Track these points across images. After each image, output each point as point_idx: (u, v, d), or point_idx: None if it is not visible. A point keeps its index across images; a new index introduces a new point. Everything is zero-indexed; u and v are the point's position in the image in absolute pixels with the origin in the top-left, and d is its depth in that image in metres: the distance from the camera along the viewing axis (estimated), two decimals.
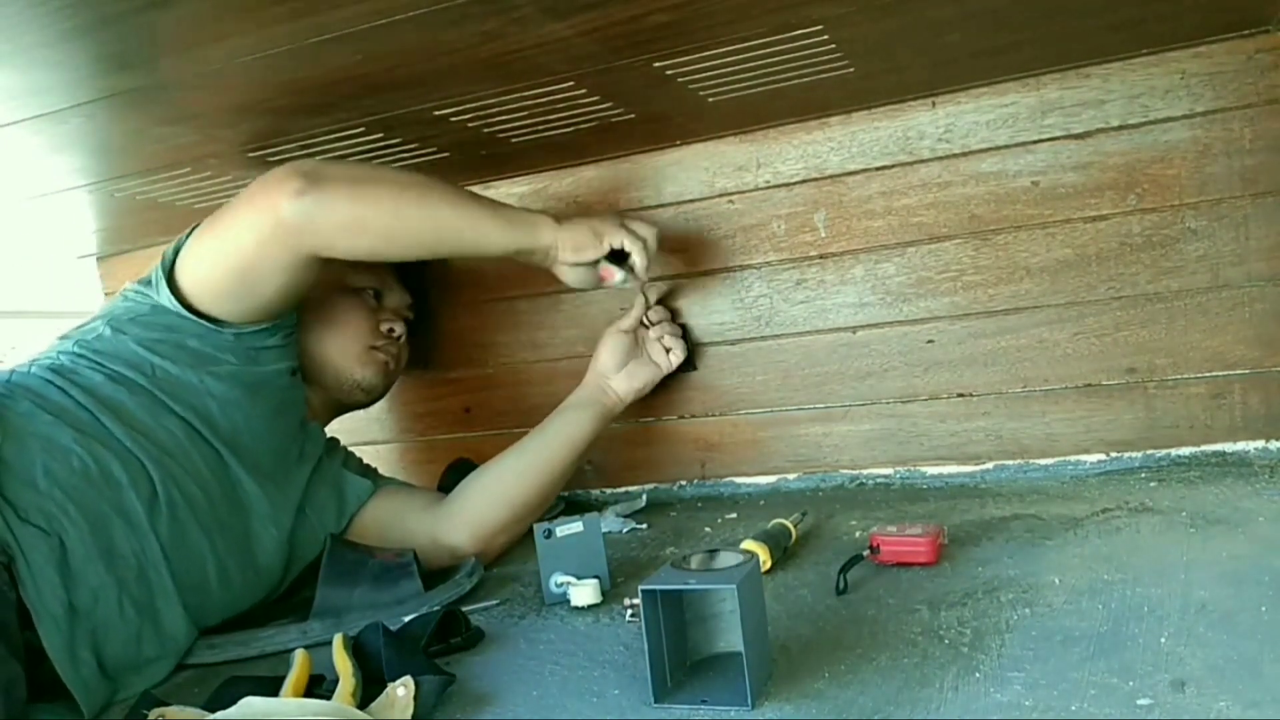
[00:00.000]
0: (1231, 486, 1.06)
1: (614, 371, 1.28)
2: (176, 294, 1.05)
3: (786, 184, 1.32)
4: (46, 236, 1.55)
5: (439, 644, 0.88)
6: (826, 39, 0.95)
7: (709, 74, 1.03)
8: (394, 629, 0.87)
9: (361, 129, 1.10)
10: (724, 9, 0.85)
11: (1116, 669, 0.67)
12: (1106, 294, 1.20)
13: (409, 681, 0.74)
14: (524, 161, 1.37)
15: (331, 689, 0.78)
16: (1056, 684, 0.66)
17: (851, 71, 1.07)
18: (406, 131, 1.13)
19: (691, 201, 1.37)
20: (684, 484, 1.43)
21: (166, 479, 0.97)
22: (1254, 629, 0.70)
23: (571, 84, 1.01)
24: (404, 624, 0.92)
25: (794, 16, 0.89)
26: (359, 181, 1.04)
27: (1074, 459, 1.23)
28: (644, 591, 0.70)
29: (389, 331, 1.29)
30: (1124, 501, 1.06)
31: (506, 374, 1.51)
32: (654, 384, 1.32)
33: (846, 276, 1.31)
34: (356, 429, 1.47)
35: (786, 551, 1.03)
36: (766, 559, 0.97)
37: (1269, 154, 1.12)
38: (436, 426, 1.55)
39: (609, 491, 1.47)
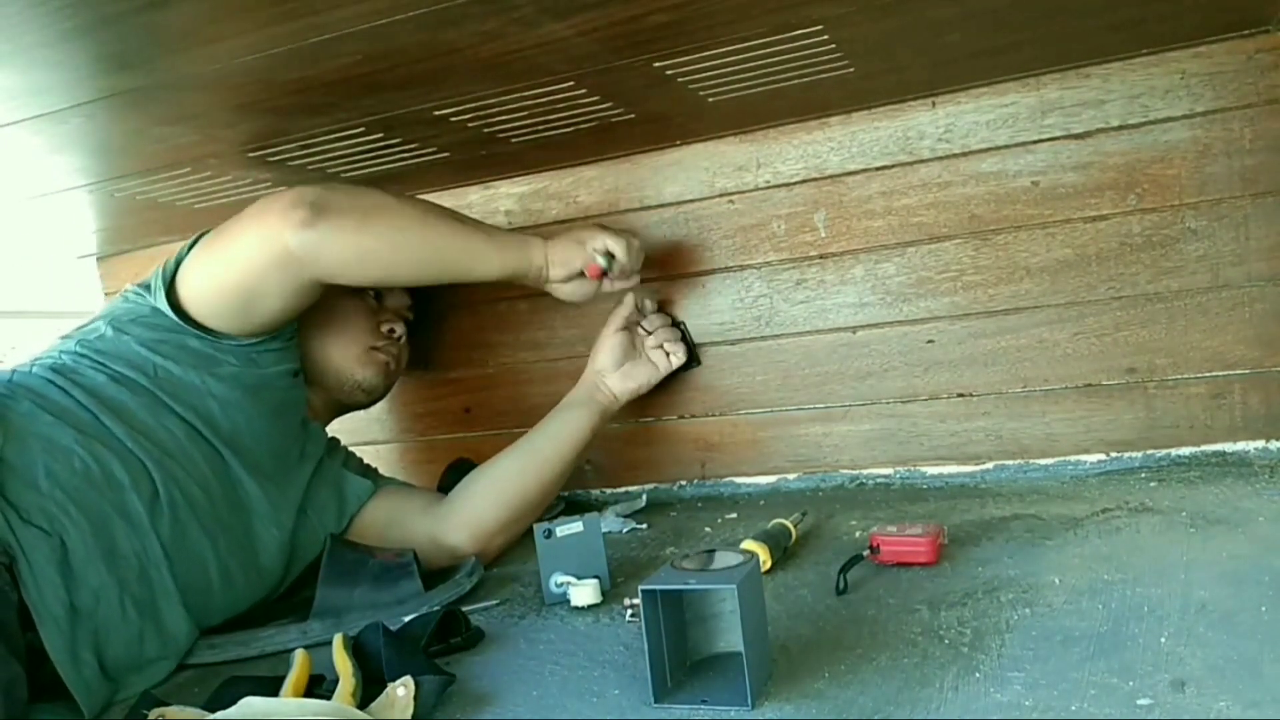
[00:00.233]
0: (1231, 486, 1.07)
1: (610, 370, 1.29)
2: (175, 304, 1.06)
3: (786, 184, 1.32)
4: (46, 236, 1.55)
5: (439, 644, 0.88)
6: (826, 39, 0.95)
7: (709, 74, 1.03)
8: (394, 629, 0.87)
9: (361, 129, 1.10)
10: (724, 9, 0.85)
11: (1116, 669, 0.67)
12: (1106, 294, 1.20)
13: (409, 681, 0.74)
14: (524, 161, 1.37)
15: (331, 689, 0.78)
16: (1056, 684, 0.66)
17: (851, 71, 1.07)
18: (406, 131, 1.13)
19: (691, 201, 1.37)
20: (684, 484, 1.43)
21: (168, 479, 0.97)
22: (1254, 629, 0.70)
23: (571, 84, 1.01)
24: (404, 624, 0.92)
25: (794, 16, 0.89)
26: (363, 213, 1.06)
27: (1074, 459, 1.23)
28: (644, 591, 0.70)
29: (389, 332, 1.30)
30: (1124, 501, 1.06)
31: (506, 374, 1.51)
32: (652, 384, 1.32)
33: (846, 276, 1.31)
34: (357, 429, 1.47)
35: (786, 551, 1.03)
36: (766, 559, 0.97)
37: (1269, 154, 1.12)
38: (436, 426, 1.55)
39: (609, 491, 1.47)
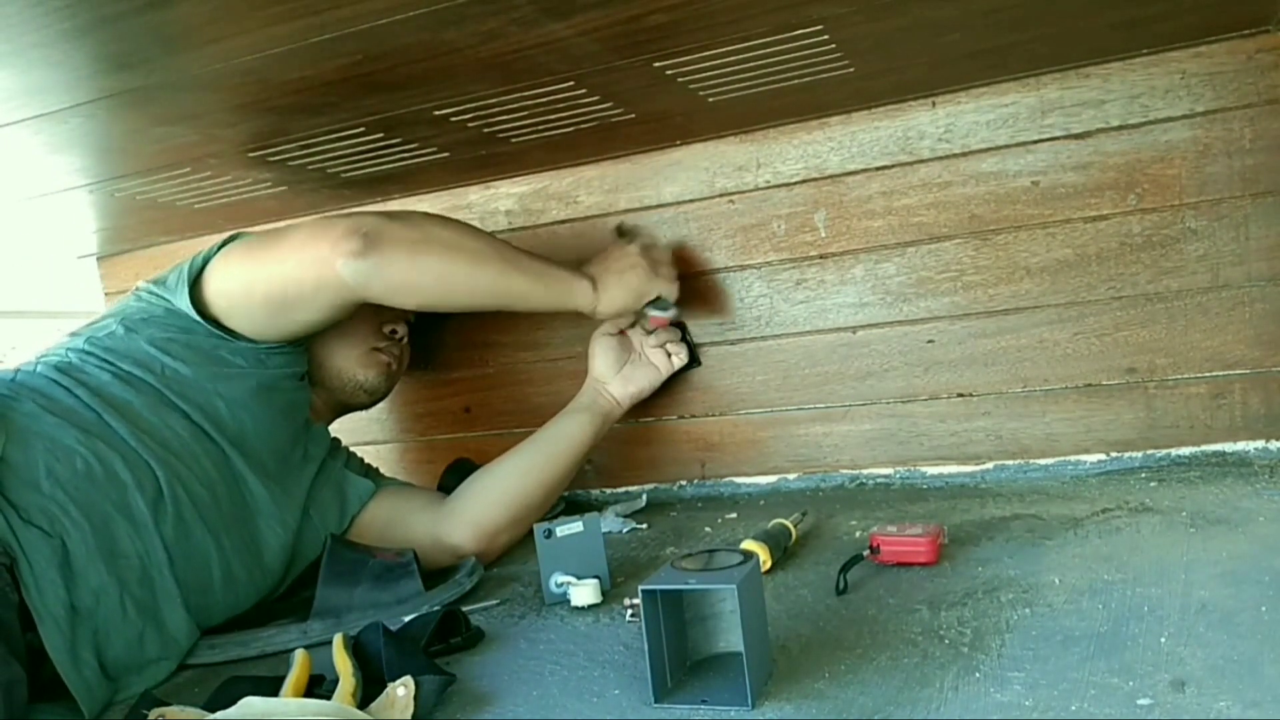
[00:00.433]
0: (1231, 486, 1.07)
1: (610, 376, 1.29)
2: (198, 302, 1.07)
3: (786, 184, 1.32)
4: (46, 236, 1.55)
5: (439, 644, 0.88)
6: (826, 39, 0.95)
7: (709, 74, 1.03)
8: (394, 629, 0.87)
9: (361, 129, 1.10)
10: (724, 9, 0.85)
11: (1116, 669, 0.67)
12: (1106, 294, 1.20)
13: (409, 681, 0.74)
14: (524, 161, 1.37)
15: (331, 689, 0.78)
16: (1056, 684, 0.66)
17: (851, 71, 1.07)
18: (406, 131, 1.13)
19: (691, 201, 1.37)
20: (684, 484, 1.43)
21: (172, 479, 0.97)
22: (1254, 629, 0.70)
23: (571, 84, 1.01)
24: (404, 624, 0.92)
25: (794, 16, 0.89)
26: (415, 246, 1.07)
27: (1074, 459, 1.23)
28: (644, 591, 0.70)
29: (391, 333, 1.30)
30: (1124, 501, 1.06)
31: (506, 374, 1.51)
32: (655, 386, 1.32)
33: (846, 276, 1.31)
34: (357, 429, 1.47)
35: (786, 551, 1.03)
36: (766, 559, 0.97)
37: (1269, 154, 1.12)
38: (436, 426, 1.55)
39: (609, 491, 1.47)
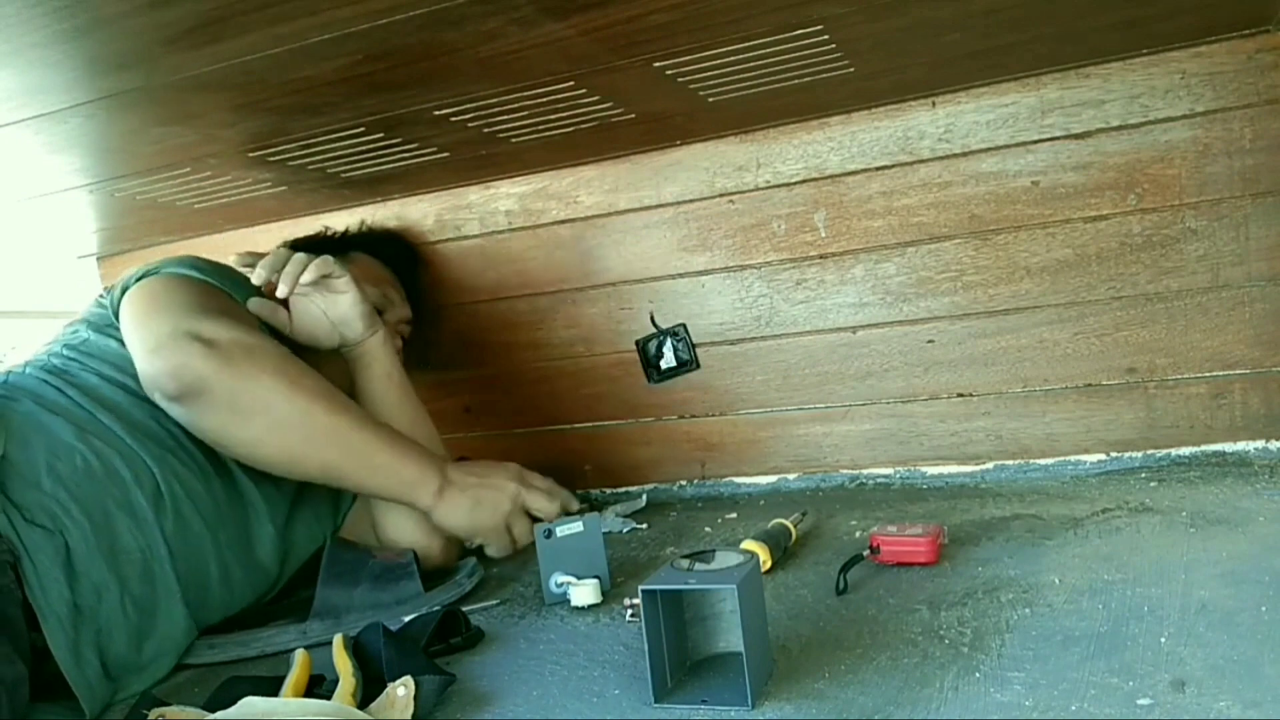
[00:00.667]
0: (1231, 486, 1.07)
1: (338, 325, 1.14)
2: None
3: (786, 184, 1.32)
4: (46, 236, 1.55)
5: (439, 644, 0.88)
6: (826, 39, 0.95)
7: (709, 74, 1.03)
8: (394, 629, 0.87)
9: (361, 129, 1.10)
10: (724, 9, 0.85)
11: (1116, 669, 0.67)
12: (1106, 294, 1.20)
13: (409, 681, 0.74)
14: (524, 161, 1.37)
15: (331, 689, 0.78)
16: (1056, 684, 0.66)
17: (851, 71, 1.07)
18: (406, 131, 1.13)
19: (691, 201, 1.37)
20: (684, 484, 1.43)
21: (168, 474, 0.97)
22: (1254, 629, 0.70)
23: (571, 84, 1.01)
24: (404, 624, 0.92)
25: (794, 16, 0.89)
26: (236, 411, 0.97)
27: (1074, 459, 1.23)
28: (644, 591, 0.70)
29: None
30: (1124, 501, 1.06)
31: (506, 374, 1.51)
32: (354, 305, 1.13)
33: (846, 276, 1.31)
34: None
35: (786, 551, 1.03)
36: (766, 559, 0.97)
37: (1269, 154, 1.12)
38: (436, 426, 1.54)
39: (609, 491, 1.47)
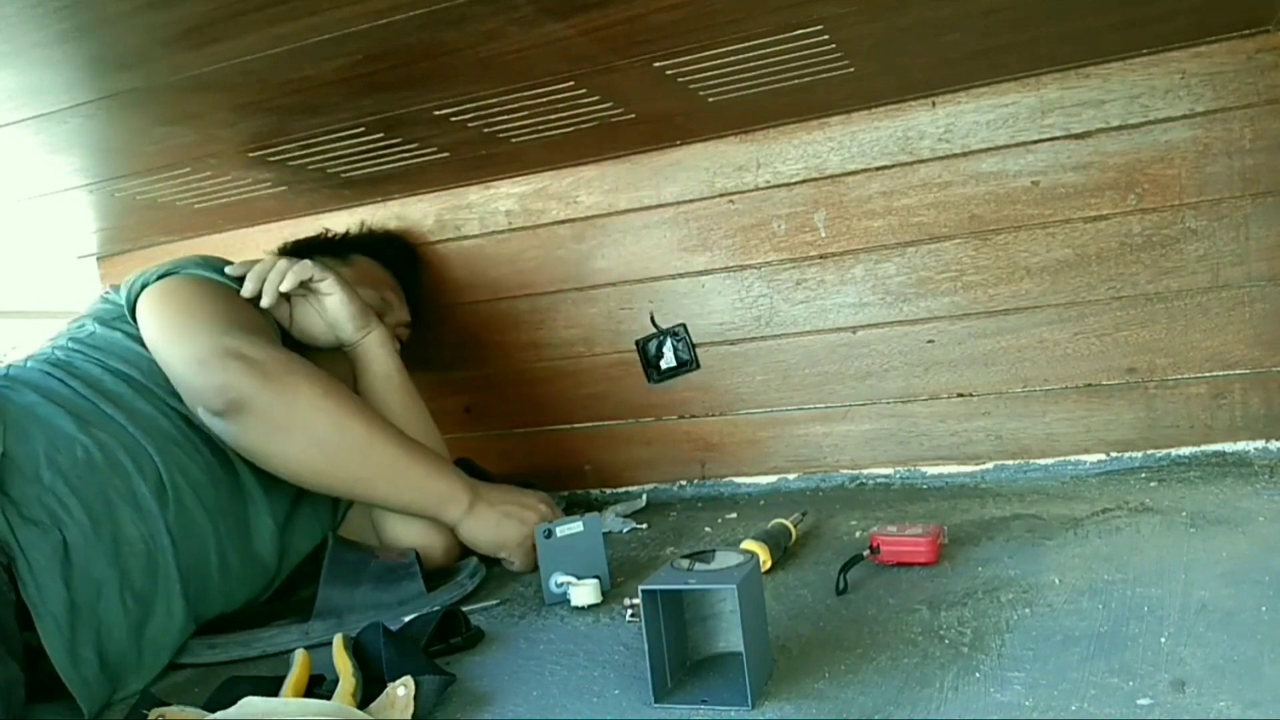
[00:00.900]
0: (1231, 486, 1.07)
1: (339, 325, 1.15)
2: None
3: (786, 184, 1.32)
4: (46, 236, 1.55)
5: (439, 644, 0.88)
6: (826, 39, 0.95)
7: (709, 74, 1.03)
8: (394, 629, 0.87)
9: (361, 129, 1.10)
10: (724, 9, 0.85)
11: (1116, 669, 0.67)
12: (1106, 294, 1.20)
13: (409, 681, 0.74)
14: (524, 161, 1.37)
15: (331, 689, 0.78)
16: (1056, 684, 0.66)
17: (851, 71, 1.07)
18: (406, 131, 1.13)
19: (691, 201, 1.37)
20: (684, 484, 1.43)
21: (171, 465, 0.97)
22: (1254, 629, 0.70)
23: (571, 84, 1.01)
24: (404, 624, 0.92)
25: (794, 16, 0.89)
26: (277, 429, 1.00)
27: (1074, 459, 1.23)
28: (644, 591, 0.70)
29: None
30: (1124, 501, 1.06)
31: (506, 374, 1.51)
32: (342, 306, 1.14)
33: (846, 276, 1.31)
34: None
35: (786, 551, 1.03)
36: (766, 559, 0.97)
37: (1269, 154, 1.12)
38: (437, 426, 1.55)
39: (609, 491, 1.47)
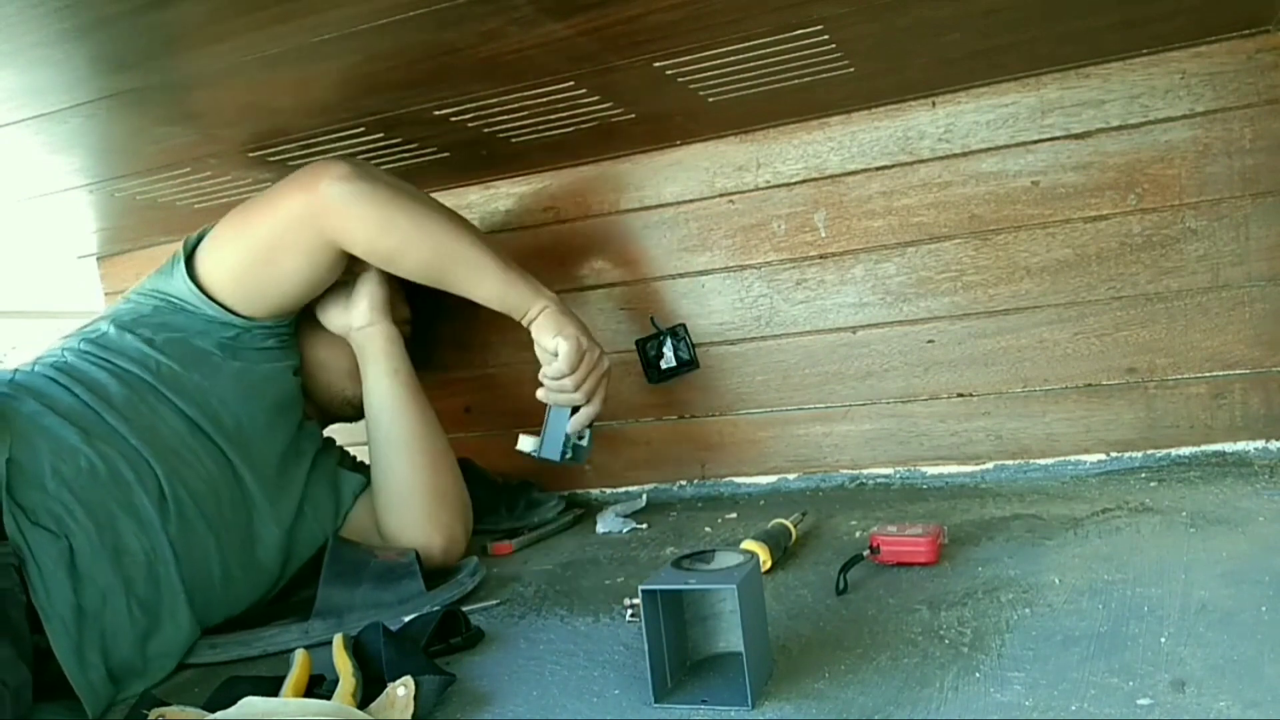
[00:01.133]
0: (1231, 486, 1.07)
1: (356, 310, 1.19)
2: (194, 280, 1.08)
3: (786, 184, 1.32)
4: (46, 236, 1.55)
5: (439, 644, 0.88)
6: (826, 39, 0.95)
7: (709, 74, 1.03)
8: (394, 629, 0.87)
9: (361, 129, 1.10)
10: (724, 9, 0.85)
11: (1116, 669, 0.67)
12: (1106, 294, 1.20)
13: (409, 681, 0.74)
14: (524, 161, 1.37)
15: (331, 689, 0.78)
16: (1056, 684, 0.66)
17: (851, 71, 1.07)
18: (406, 131, 1.13)
19: (691, 201, 1.37)
20: (684, 484, 1.43)
21: (173, 476, 0.97)
22: (1254, 629, 0.70)
23: (571, 84, 1.01)
24: (404, 624, 0.92)
25: (794, 16, 0.89)
26: (399, 189, 1.09)
27: (1074, 459, 1.23)
28: (644, 591, 0.70)
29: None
30: (1124, 501, 1.06)
31: (506, 374, 1.51)
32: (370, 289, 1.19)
33: (846, 276, 1.31)
34: (356, 429, 1.45)
35: (786, 551, 1.03)
36: (766, 559, 0.97)
37: (1269, 154, 1.12)
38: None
39: (609, 491, 1.47)
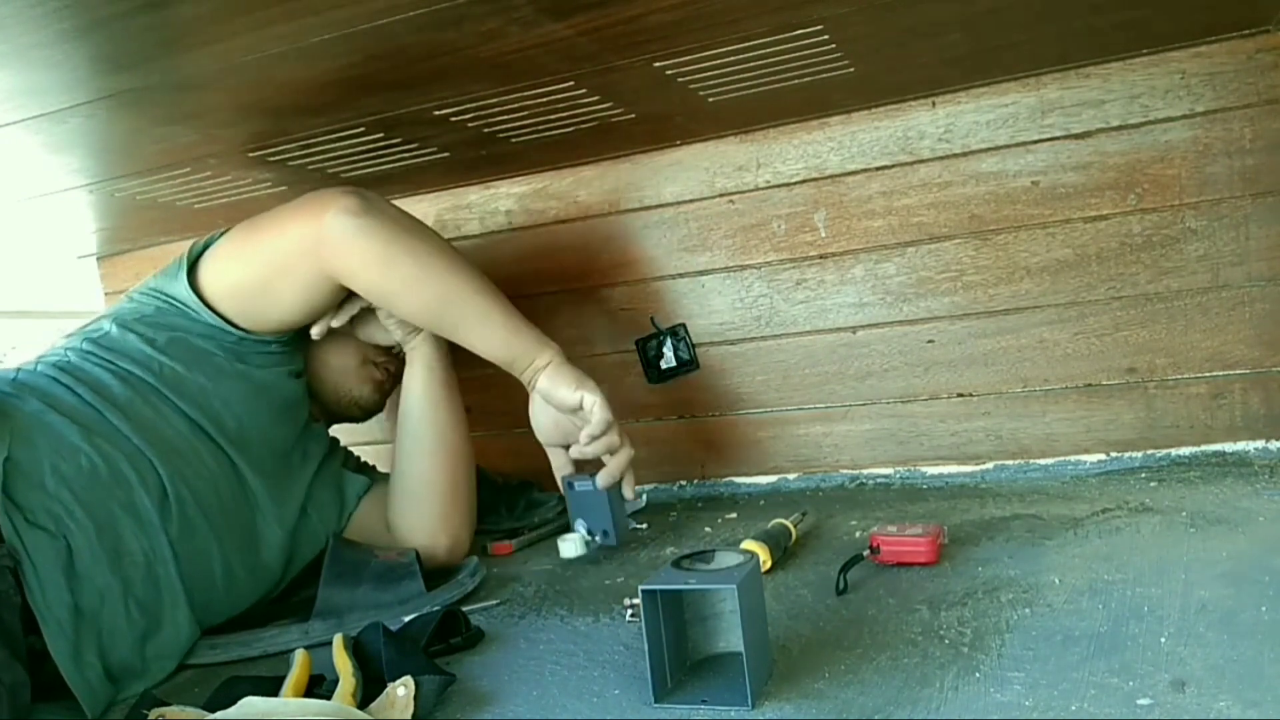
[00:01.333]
0: (1231, 486, 1.07)
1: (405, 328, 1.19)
2: (195, 287, 1.07)
3: (786, 184, 1.32)
4: (46, 236, 1.55)
5: (439, 644, 0.88)
6: (827, 39, 0.95)
7: (709, 74, 1.03)
8: (394, 629, 0.87)
9: (361, 129, 1.10)
10: (724, 9, 0.85)
11: (1116, 669, 0.67)
12: (1106, 294, 1.20)
13: (409, 681, 0.74)
14: (524, 161, 1.37)
15: (331, 689, 0.78)
16: (1056, 684, 0.66)
17: (851, 71, 1.07)
18: (406, 131, 1.13)
19: (691, 201, 1.37)
20: (684, 484, 1.43)
21: (175, 477, 0.97)
22: (1254, 629, 0.70)
23: (571, 84, 1.01)
24: (404, 624, 0.92)
25: (794, 16, 0.89)
26: (405, 228, 1.06)
27: (1074, 459, 1.23)
28: (644, 591, 0.70)
29: (390, 347, 1.28)
30: (1124, 501, 1.06)
31: (507, 374, 1.50)
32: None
33: (846, 276, 1.31)
34: (357, 429, 1.46)
35: (786, 551, 1.03)
36: (766, 559, 0.97)
37: (1269, 154, 1.12)
38: None
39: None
